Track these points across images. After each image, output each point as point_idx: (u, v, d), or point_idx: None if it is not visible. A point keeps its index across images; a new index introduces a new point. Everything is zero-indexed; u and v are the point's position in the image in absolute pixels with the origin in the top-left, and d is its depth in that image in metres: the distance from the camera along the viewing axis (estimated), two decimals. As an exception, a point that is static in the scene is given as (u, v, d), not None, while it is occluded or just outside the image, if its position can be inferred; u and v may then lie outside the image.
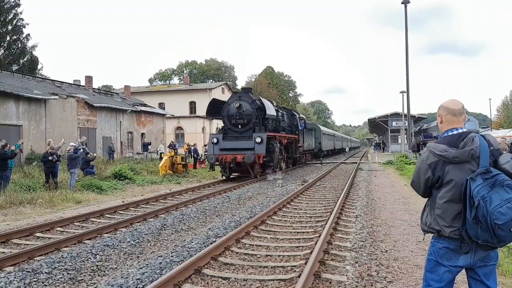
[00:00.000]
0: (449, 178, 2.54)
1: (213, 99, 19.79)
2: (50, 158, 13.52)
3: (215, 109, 19.04)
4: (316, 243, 5.95)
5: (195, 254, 5.59)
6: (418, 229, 7.00)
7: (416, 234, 6.89)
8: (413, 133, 46.29)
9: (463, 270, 2.66)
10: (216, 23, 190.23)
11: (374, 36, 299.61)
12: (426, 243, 2.92)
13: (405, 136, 40.22)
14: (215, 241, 6.43)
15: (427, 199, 2.78)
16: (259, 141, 16.53)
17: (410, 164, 22.46)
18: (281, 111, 22.53)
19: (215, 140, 17.24)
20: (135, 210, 10.28)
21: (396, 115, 50.13)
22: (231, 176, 18.01)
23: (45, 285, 4.78)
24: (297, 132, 24.75)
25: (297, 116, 25.87)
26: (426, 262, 2.71)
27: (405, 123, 39.48)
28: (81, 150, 16.46)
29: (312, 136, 32.54)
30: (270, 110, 18.46)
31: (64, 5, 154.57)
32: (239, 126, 17.56)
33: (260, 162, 16.74)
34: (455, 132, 2.65)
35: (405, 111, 34.48)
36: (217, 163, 17.32)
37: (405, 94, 32.27)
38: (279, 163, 20.38)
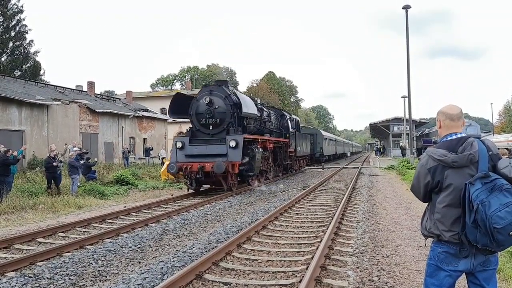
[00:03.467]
0: (448, 182, 2.56)
1: (178, 93, 16.04)
2: (54, 164, 13.57)
3: (180, 106, 15.50)
4: (317, 248, 5.95)
5: (196, 259, 5.60)
6: (419, 234, 6.96)
7: (418, 239, 6.88)
8: (415, 137, 46.28)
9: (464, 275, 2.67)
10: (218, 27, 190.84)
11: (375, 40, 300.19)
12: (427, 248, 2.93)
13: (407, 141, 40.17)
14: (216, 246, 6.44)
15: (427, 203, 2.79)
16: (234, 145, 13.36)
17: (411, 168, 22.44)
18: (267, 110, 19.28)
19: (179, 145, 14.06)
20: (136, 215, 10.29)
21: (397, 120, 50.19)
22: (201, 189, 14.85)
23: (46, 290, 4.79)
24: (287, 135, 21.37)
25: (288, 117, 22.36)
26: (426, 266, 2.72)
27: (406, 128, 39.48)
28: (71, 153, 15.68)
29: (307, 139, 29.41)
30: (249, 107, 15.17)
31: (66, 11, 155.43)
32: (210, 127, 14.32)
33: (235, 171, 13.36)
34: (454, 137, 2.67)
35: (407, 116, 34.51)
36: (184, 173, 13.81)
37: (406, 99, 32.32)
38: (267, 171, 17.78)
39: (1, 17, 36.26)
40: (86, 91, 33.07)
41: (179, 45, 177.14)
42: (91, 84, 33.55)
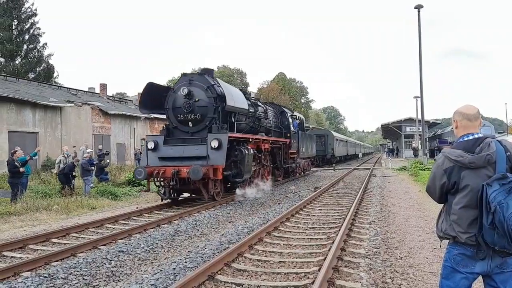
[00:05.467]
0: (465, 183, 2.53)
1: (150, 83, 12.80)
2: (72, 172, 13.96)
3: (154, 99, 12.76)
4: (329, 250, 5.92)
5: (208, 260, 5.61)
6: (433, 235, 6.92)
7: (432, 240, 6.81)
8: (427, 138, 45.86)
9: (480, 277, 2.63)
10: (229, 29, 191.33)
11: (386, 39, 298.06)
12: (442, 250, 2.90)
13: (420, 141, 39.82)
14: (228, 247, 6.44)
15: (442, 205, 2.76)
16: (216, 146, 11.08)
17: (424, 170, 22.23)
18: (263, 106, 16.83)
19: (151, 145, 11.80)
20: (149, 216, 10.34)
21: (409, 121, 49.74)
22: (180, 198, 12.60)
23: (61, 290, 4.84)
24: (288, 135, 18.85)
25: (289, 114, 19.71)
26: (442, 268, 2.68)
27: (419, 129, 39.12)
28: (85, 155, 15.58)
29: (313, 140, 26.66)
30: (236, 100, 12.80)
31: (78, 14, 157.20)
32: (190, 124, 12.02)
33: (218, 176, 11.05)
34: (470, 137, 2.64)
35: (419, 117, 34.21)
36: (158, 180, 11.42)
37: (419, 99, 32.05)
38: (263, 176, 15.35)
39: (16, 20, 36.83)
40: (98, 93, 33.40)
41: (189, 47, 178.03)
42: (103, 86, 33.86)
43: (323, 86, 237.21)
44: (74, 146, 17.84)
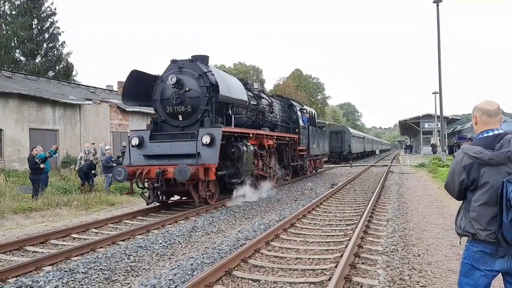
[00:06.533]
0: (485, 180, 2.50)
1: (134, 70, 11.36)
2: (90, 170, 14.19)
3: (139, 89, 11.40)
4: (346, 247, 5.90)
5: (225, 256, 5.65)
6: (452, 233, 6.84)
7: (451, 238, 6.73)
8: (446, 135, 45.16)
9: (500, 275, 2.60)
10: (246, 26, 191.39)
11: (404, 34, 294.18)
12: (460, 247, 2.87)
13: (438, 138, 39.26)
14: (244, 243, 6.48)
15: (461, 202, 2.73)
16: (207, 142, 9.87)
17: (443, 166, 21.92)
18: (268, 98, 15.49)
19: (135, 141, 10.58)
20: (166, 212, 10.45)
21: (428, 117, 49.03)
22: (169, 201, 11.14)
23: (81, 284, 4.94)
24: (297, 130, 17.47)
25: (298, 108, 18.26)
26: (461, 266, 2.66)
27: (437, 125, 38.57)
28: (107, 151, 15.61)
29: (325, 136, 24.89)
30: (233, 90, 11.20)
31: (96, 12, 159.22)
32: (180, 117, 10.74)
33: (211, 177, 9.72)
34: (490, 133, 2.60)
35: (438, 113, 33.71)
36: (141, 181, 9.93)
37: (437, 95, 31.57)
38: (271, 175, 14.31)
39: (36, 19, 37.54)
40: (116, 91, 33.80)
41: (207, 45, 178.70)
42: (121, 84, 34.21)
43: (340, 82, 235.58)
44: (93, 143, 18.12)
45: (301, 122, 18.03)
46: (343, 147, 37.50)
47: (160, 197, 10.73)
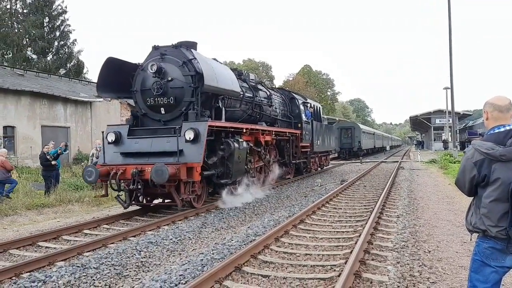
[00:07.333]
0: (496, 176, 2.48)
1: (110, 58, 10.19)
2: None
3: (116, 78, 10.19)
4: (356, 243, 5.89)
5: (235, 252, 5.68)
6: (463, 229, 6.79)
7: (462, 234, 6.68)
8: (458, 130, 44.73)
9: (511, 271, 2.59)
10: (256, 22, 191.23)
11: (415, 28, 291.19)
12: (472, 244, 2.85)
13: (450, 134, 38.90)
14: (254, 239, 6.50)
15: (472, 198, 2.72)
16: (191, 138, 8.78)
17: (454, 162, 21.73)
18: (266, 90, 14.32)
19: (111, 138, 9.52)
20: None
21: (439, 112, 48.61)
22: (152, 205, 10.09)
23: (93, 279, 5.01)
24: (299, 125, 16.31)
25: (300, 102, 17.07)
26: (471, 262, 2.66)
27: (449, 121, 38.21)
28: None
29: (331, 131, 23.59)
30: (221, 80, 9.86)
31: (105, 9, 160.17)
32: (162, 110, 9.66)
33: (195, 178, 8.60)
34: (502, 129, 2.58)
35: (449, 108, 33.38)
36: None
37: (449, 90, 31.25)
38: (268, 174, 13.29)
39: (47, 17, 37.90)
40: (126, 88, 34.04)
41: (215, 40, 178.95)
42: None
43: (350, 78, 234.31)
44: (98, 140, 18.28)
45: (304, 117, 16.88)
46: (353, 143, 37.34)
47: (141, 200, 9.63)
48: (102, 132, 9.89)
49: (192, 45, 10.08)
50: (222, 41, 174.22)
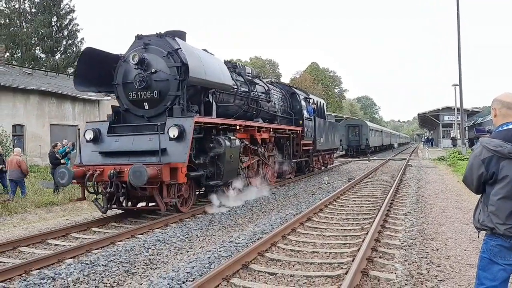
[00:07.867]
0: (504, 174, 2.47)
1: (89, 48, 9.61)
2: None
3: (96, 71, 9.44)
4: (363, 241, 5.88)
5: (242, 250, 5.70)
6: (471, 227, 6.73)
7: (470, 232, 6.64)
8: (467, 127, 44.37)
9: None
10: (263, 19, 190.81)
11: (423, 26, 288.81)
12: (480, 241, 2.84)
13: (458, 131, 38.60)
14: (261, 237, 6.51)
15: (480, 195, 2.70)
16: (175, 136, 8.06)
17: (463, 160, 21.56)
18: (264, 85, 13.56)
19: (89, 135, 8.80)
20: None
21: (448, 109, 48.12)
22: (136, 209, 9.11)
23: (102, 276, 5.05)
24: (300, 122, 15.50)
25: (301, 97, 16.25)
26: (479, 260, 2.64)
27: (458, 118, 37.90)
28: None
29: (335, 129, 22.45)
30: (209, 72, 9.01)
31: (112, 7, 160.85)
32: (145, 105, 8.92)
33: (179, 179, 7.90)
34: (510, 126, 2.56)
35: (458, 105, 33.11)
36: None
37: (457, 87, 30.99)
38: (265, 174, 12.48)
39: (55, 17, 38.17)
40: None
41: (222, 37, 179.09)
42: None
43: (352, 77, 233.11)
44: None
45: (305, 113, 16.05)
46: (361, 141, 37.20)
47: (124, 203, 8.80)
48: (78, 128, 8.94)
49: (179, 35, 9.24)
50: (228, 39, 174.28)
